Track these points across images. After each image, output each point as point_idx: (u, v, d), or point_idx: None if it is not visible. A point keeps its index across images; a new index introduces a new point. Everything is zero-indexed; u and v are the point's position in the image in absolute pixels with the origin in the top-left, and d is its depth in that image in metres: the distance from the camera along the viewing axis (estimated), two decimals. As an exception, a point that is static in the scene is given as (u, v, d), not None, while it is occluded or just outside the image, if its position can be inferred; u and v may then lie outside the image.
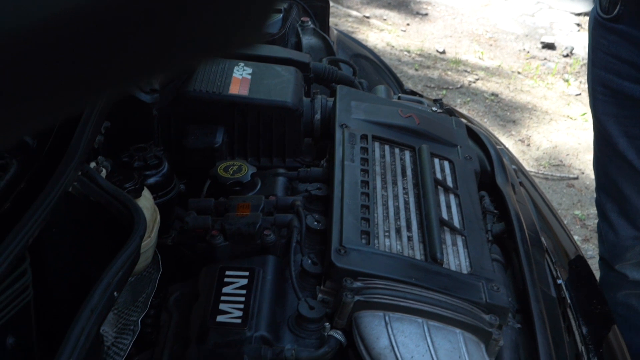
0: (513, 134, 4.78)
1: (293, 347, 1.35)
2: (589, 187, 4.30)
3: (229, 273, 1.47)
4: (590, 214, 4.08)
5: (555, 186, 4.28)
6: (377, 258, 1.44)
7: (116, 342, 1.61)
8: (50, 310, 1.51)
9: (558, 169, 4.46)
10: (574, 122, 4.96)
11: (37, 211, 1.31)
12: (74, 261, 1.52)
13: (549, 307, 1.59)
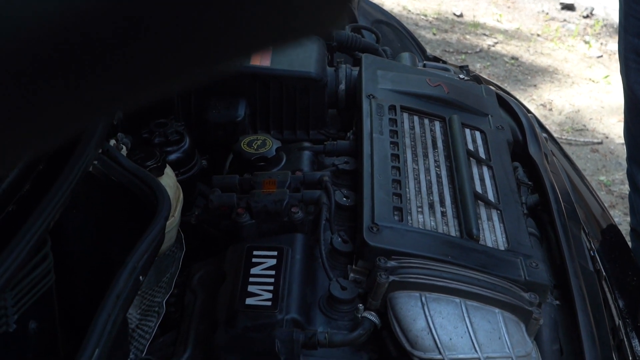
0: (534, 98, 4.71)
1: (326, 330, 1.30)
2: (614, 152, 4.23)
3: (256, 253, 1.42)
4: (616, 179, 4.01)
5: (578, 151, 4.21)
6: (411, 235, 1.39)
7: (141, 325, 1.57)
8: (73, 294, 1.48)
9: (581, 134, 4.39)
10: (596, 85, 4.88)
11: (57, 193, 1.26)
12: (96, 244, 1.48)
13: (588, 282, 1.54)
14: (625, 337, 1.69)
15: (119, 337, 1.22)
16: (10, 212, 1.24)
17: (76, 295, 1.49)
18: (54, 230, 1.32)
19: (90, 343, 1.12)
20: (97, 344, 1.12)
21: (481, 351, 1.26)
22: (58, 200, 1.26)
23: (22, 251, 1.17)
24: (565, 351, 1.46)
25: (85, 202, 1.44)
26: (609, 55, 5.21)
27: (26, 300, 1.30)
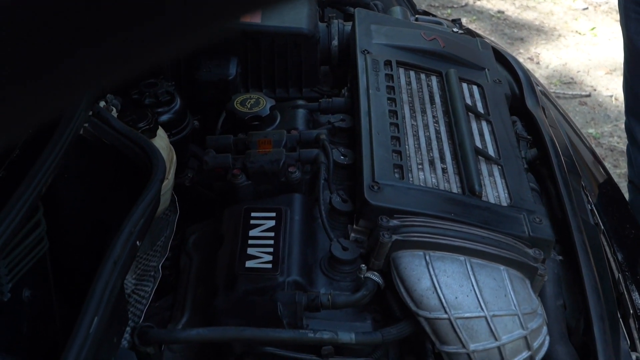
0: (522, 52, 4.66)
1: (328, 292, 1.27)
2: (602, 105, 4.20)
3: (254, 215, 1.39)
4: (605, 132, 3.99)
5: (567, 105, 4.17)
6: (413, 193, 1.35)
7: (137, 290, 1.54)
8: (68, 261, 1.44)
9: (569, 87, 4.35)
10: (582, 37, 4.83)
11: (48, 157, 1.22)
12: (90, 209, 1.43)
13: (590, 236, 1.51)
14: (625, 290, 1.67)
15: (117, 304, 1.18)
16: (1, 178, 1.20)
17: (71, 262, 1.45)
18: (46, 196, 1.28)
19: (89, 311, 1.08)
20: (96, 312, 1.09)
21: (487, 309, 1.24)
22: (49, 165, 1.21)
23: (14, 218, 1.13)
24: (568, 306, 1.44)
25: (78, 167, 1.39)
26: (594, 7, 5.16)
27: (20, 268, 1.26)
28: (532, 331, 1.27)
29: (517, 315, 1.25)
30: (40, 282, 1.41)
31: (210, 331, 1.21)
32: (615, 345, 1.35)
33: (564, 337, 1.38)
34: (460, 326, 1.23)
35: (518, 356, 1.27)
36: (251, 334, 1.20)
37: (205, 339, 1.21)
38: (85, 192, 1.42)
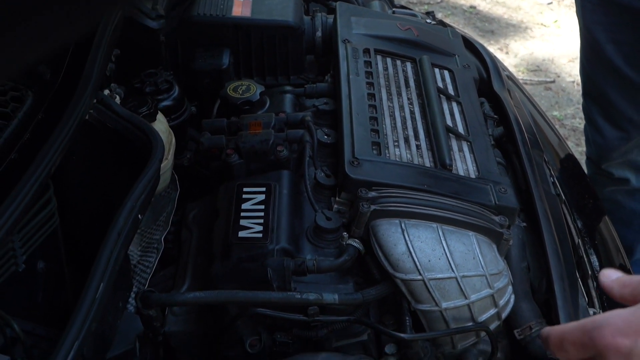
0: (492, 43, 4.64)
1: (314, 258, 1.27)
2: (565, 90, 4.20)
3: (246, 190, 1.38)
4: (568, 114, 3.98)
5: (533, 90, 4.17)
6: (389, 167, 1.35)
7: (142, 260, 1.54)
8: (77, 235, 1.43)
9: (536, 74, 4.35)
10: (547, 29, 4.82)
11: (57, 140, 1.21)
12: (97, 187, 1.43)
13: (552, 205, 1.51)
14: (584, 254, 1.68)
15: (122, 271, 1.18)
16: (13, 160, 1.19)
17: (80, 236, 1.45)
18: (56, 176, 1.27)
19: (95, 278, 1.08)
20: (102, 278, 1.08)
21: (457, 271, 1.24)
22: (57, 147, 1.20)
23: (26, 196, 1.12)
24: (532, 268, 1.44)
25: (84, 149, 1.39)
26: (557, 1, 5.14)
27: (33, 241, 1.25)
28: (499, 290, 1.27)
29: (484, 276, 1.25)
30: (52, 255, 1.40)
31: (206, 294, 1.21)
32: (574, 301, 1.35)
33: (528, 296, 1.38)
34: (433, 286, 1.23)
35: (486, 313, 1.27)
36: (243, 296, 1.20)
37: (202, 301, 1.21)
38: (91, 172, 1.41)
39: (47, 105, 1.31)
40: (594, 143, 2.34)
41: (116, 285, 1.13)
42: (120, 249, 1.14)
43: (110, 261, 1.11)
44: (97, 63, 1.37)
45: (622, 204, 2.37)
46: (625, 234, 2.26)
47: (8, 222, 1.08)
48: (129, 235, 1.17)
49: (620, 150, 2.26)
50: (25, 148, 1.22)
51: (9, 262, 1.19)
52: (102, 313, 1.07)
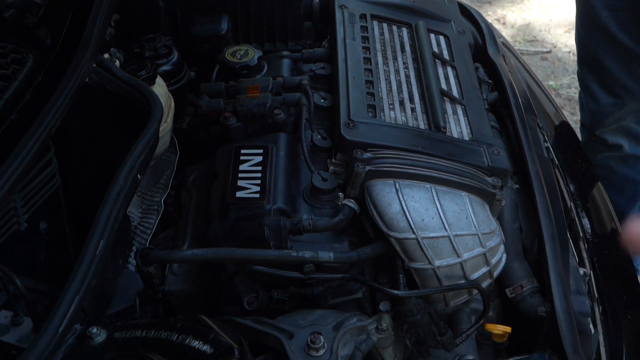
0: (490, 14, 4.61)
1: (310, 217, 1.27)
2: (561, 60, 4.17)
3: (244, 151, 1.38)
4: (563, 84, 3.97)
5: (530, 60, 4.14)
6: (384, 130, 1.35)
7: (142, 222, 1.54)
8: (78, 196, 1.43)
9: (532, 44, 4.32)
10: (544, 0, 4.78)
11: (57, 101, 1.21)
12: (97, 149, 1.43)
13: (544, 167, 1.52)
14: (576, 217, 1.68)
15: (122, 230, 1.18)
16: (14, 120, 1.19)
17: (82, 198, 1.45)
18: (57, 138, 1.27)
19: (95, 235, 1.08)
20: (102, 236, 1.09)
21: (450, 230, 1.24)
22: (57, 108, 1.20)
23: (27, 155, 1.13)
24: (524, 229, 1.44)
25: (85, 112, 1.39)
26: (555, -28, 5.11)
27: (35, 201, 1.26)
28: (491, 249, 1.28)
29: (477, 235, 1.26)
30: (54, 216, 1.41)
31: (204, 251, 1.21)
32: (565, 261, 1.36)
33: (520, 256, 1.39)
34: (426, 245, 1.23)
35: (478, 271, 1.28)
36: (241, 253, 1.20)
37: (200, 258, 1.22)
38: (91, 134, 1.41)
39: (47, 67, 1.31)
40: (588, 109, 2.34)
41: (116, 243, 1.14)
42: (119, 208, 1.14)
43: (109, 219, 1.11)
44: (96, 27, 1.36)
45: (615, 170, 2.37)
46: (618, 200, 2.26)
47: (9, 181, 1.08)
48: (128, 195, 1.18)
49: (614, 117, 2.26)
50: (26, 109, 1.22)
51: (10, 220, 1.20)
52: (102, 270, 1.08)
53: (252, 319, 1.21)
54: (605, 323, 1.44)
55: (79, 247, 1.08)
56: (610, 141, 2.33)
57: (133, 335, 1.01)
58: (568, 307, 1.26)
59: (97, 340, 1.01)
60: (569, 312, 1.25)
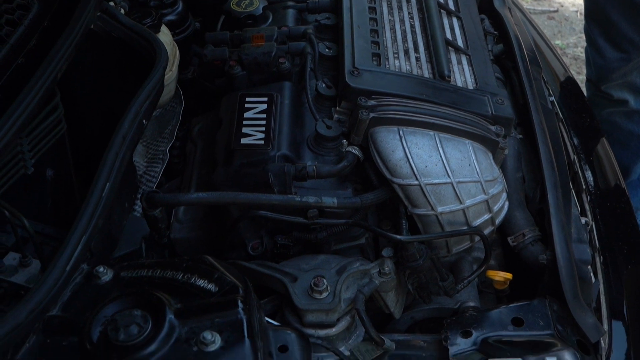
0: (497, -27, 4.57)
1: (314, 164, 1.28)
2: (568, 19, 4.14)
3: (249, 99, 1.39)
4: (570, 43, 3.94)
5: (537, 19, 4.11)
6: (389, 77, 1.35)
7: (148, 171, 1.55)
8: (84, 144, 1.44)
9: (539, 4, 4.29)
10: (553, -42, 4.73)
11: (62, 47, 1.21)
12: (102, 96, 1.44)
13: (548, 118, 1.52)
14: (579, 169, 1.69)
15: (127, 173, 1.20)
16: (20, 64, 1.19)
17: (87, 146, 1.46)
18: (63, 84, 1.28)
19: (102, 177, 1.09)
20: (108, 178, 1.10)
21: (453, 176, 1.25)
22: (63, 54, 1.21)
23: (33, 99, 1.13)
24: (527, 179, 1.45)
25: (90, 59, 1.39)
26: None
27: (41, 146, 1.27)
28: (493, 196, 1.29)
29: (479, 182, 1.27)
30: (61, 163, 1.42)
31: (209, 195, 1.22)
32: (567, 210, 1.37)
33: (522, 205, 1.40)
34: (429, 191, 1.24)
35: (480, 218, 1.29)
36: (245, 197, 1.21)
37: (205, 201, 1.23)
38: (97, 81, 1.42)
39: (52, 13, 1.30)
40: (594, 64, 2.33)
41: (122, 186, 1.15)
42: (125, 152, 1.15)
43: (115, 162, 1.12)
44: (101, -26, 1.36)
45: (620, 126, 2.36)
46: (622, 155, 2.26)
47: (16, 124, 1.09)
48: (134, 139, 1.18)
49: (620, 72, 2.25)
50: (32, 54, 1.22)
51: (18, 164, 1.21)
52: (108, 211, 1.09)
53: (257, 263, 1.23)
54: (605, 272, 1.45)
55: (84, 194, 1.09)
56: (616, 96, 2.32)
57: (139, 274, 1.03)
58: (569, 254, 1.27)
59: (104, 279, 1.02)
60: (570, 259, 1.26)
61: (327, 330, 1.16)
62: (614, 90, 2.31)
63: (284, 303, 1.18)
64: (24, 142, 1.21)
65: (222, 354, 0.91)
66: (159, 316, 0.93)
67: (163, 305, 0.94)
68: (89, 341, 0.92)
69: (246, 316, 0.95)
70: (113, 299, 0.96)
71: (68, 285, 1.01)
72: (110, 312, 0.95)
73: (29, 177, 1.28)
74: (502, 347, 1.18)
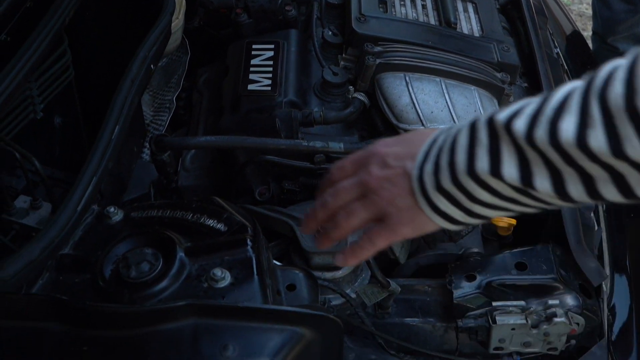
0: None
1: (320, 109, 1.29)
2: (574, -25, 4.11)
3: (255, 47, 1.39)
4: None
5: (542, -24, 4.09)
6: (395, 24, 1.36)
7: (155, 119, 1.56)
8: (91, 92, 1.45)
9: (545, -40, 4.26)
10: None
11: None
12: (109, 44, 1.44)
13: (554, 68, 1.52)
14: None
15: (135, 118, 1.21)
16: (28, 8, 1.19)
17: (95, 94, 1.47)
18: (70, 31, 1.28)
19: (111, 120, 1.10)
20: (117, 121, 1.11)
21: (459, 122, 1.25)
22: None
23: (41, 43, 1.14)
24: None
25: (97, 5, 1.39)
26: None
27: (50, 91, 1.27)
28: (498, 142, 1.29)
29: (485, 128, 1.27)
30: (68, 111, 1.43)
31: (217, 138, 1.23)
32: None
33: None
34: (435, 137, 1.25)
35: (485, 163, 1.30)
36: (253, 141, 1.22)
37: (212, 144, 1.23)
38: (105, 28, 1.42)
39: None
40: (600, 17, 2.32)
41: (130, 129, 1.16)
42: (134, 95, 1.16)
43: (124, 106, 1.13)
44: None
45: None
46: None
47: (25, 67, 1.09)
48: (142, 83, 1.19)
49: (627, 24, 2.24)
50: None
51: (27, 108, 1.22)
52: (117, 153, 1.10)
53: (264, 207, 1.24)
54: (608, 220, 1.47)
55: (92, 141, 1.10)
56: (622, 49, 2.32)
57: (149, 214, 1.04)
58: (572, 200, 1.28)
59: (115, 219, 1.04)
60: (573, 205, 1.27)
61: (333, 273, 1.18)
62: (620, 43, 2.31)
63: (291, 246, 1.20)
64: (34, 86, 1.22)
65: (232, 290, 0.93)
66: (170, 254, 0.95)
67: (173, 244, 0.95)
68: (101, 278, 0.93)
69: (255, 254, 0.96)
70: (124, 238, 0.98)
71: (79, 225, 1.02)
72: (122, 250, 0.96)
73: (38, 125, 1.29)
74: (505, 290, 1.20)
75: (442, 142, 0.77)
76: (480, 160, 0.71)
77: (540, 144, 0.65)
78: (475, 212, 0.76)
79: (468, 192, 0.74)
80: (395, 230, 0.83)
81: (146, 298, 0.90)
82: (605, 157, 0.61)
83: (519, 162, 0.68)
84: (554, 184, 0.66)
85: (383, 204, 0.82)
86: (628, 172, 0.62)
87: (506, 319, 1.18)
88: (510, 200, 0.73)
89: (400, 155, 0.81)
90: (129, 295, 0.90)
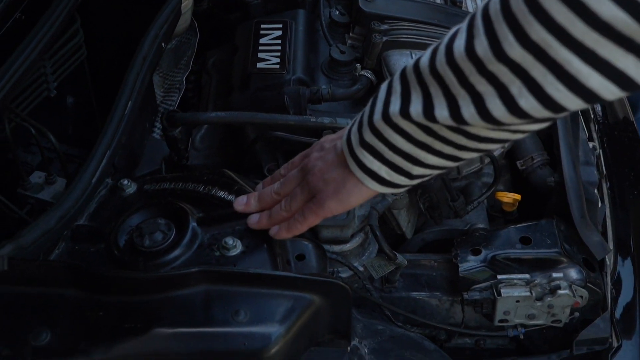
0: None
1: (328, 87, 1.31)
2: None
3: (264, 26, 1.41)
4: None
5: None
6: (401, 3, 1.37)
7: (165, 100, 1.58)
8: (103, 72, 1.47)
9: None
10: None
11: (82, -27, 1.23)
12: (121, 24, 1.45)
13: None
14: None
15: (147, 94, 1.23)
16: (42, -13, 1.22)
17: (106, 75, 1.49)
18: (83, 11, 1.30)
19: (124, 96, 1.13)
20: (130, 97, 1.13)
21: (464, 98, 1.27)
22: (83, -22, 1.23)
23: (55, 21, 1.16)
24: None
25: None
26: None
27: (63, 69, 1.29)
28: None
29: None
30: (81, 89, 1.45)
31: (227, 114, 1.25)
32: (575, 133, 1.39)
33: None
34: (441, 113, 1.27)
35: (490, 145, 1.31)
36: (262, 117, 1.24)
37: (223, 120, 1.25)
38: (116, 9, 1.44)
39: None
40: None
41: (142, 105, 1.18)
42: (145, 72, 1.18)
43: (137, 82, 1.15)
44: None
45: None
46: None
47: (40, 44, 1.12)
48: (153, 61, 1.21)
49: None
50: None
51: (41, 86, 1.24)
52: (130, 128, 1.13)
53: (273, 182, 1.26)
54: (612, 197, 1.48)
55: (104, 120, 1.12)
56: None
57: (162, 187, 1.06)
58: (576, 176, 1.29)
59: (128, 191, 1.06)
60: (577, 180, 1.29)
61: (341, 246, 1.20)
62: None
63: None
64: (47, 64, 1.24)
65: (243, 258, 0.95)
66: (182, 224, 0.97)
67: (186, 214, 0.98)
68: (116, 247, 0.96)
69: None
70: (137, 209, 1.00)
71: (94, 197, 1.05)
72: (135, 221, 0.98)
73: (51, 103, 1.31)
74: (510, 264, 1.22)
75: (367, 105, 0.82)
76: (393, 105, 0.76)
77: (439, 67, 0.70)
78: (397, 165, 0.80)
79: (385, 138, 0.78)
80: (322, 205, 0.89)
81: (160, 266, 0.93)
82: (490, 62, 0.65)
83: (422, 99, 0.72)
84: (451, 110, 0.70)
85: (314, 181, 0.89)
86: (510, 80, 0.65)
87: (511, 291, 1.20)
88: (422, 146, 0.77)
89: (335, 138, 0.90)
90: (143, 263, 0.93)
